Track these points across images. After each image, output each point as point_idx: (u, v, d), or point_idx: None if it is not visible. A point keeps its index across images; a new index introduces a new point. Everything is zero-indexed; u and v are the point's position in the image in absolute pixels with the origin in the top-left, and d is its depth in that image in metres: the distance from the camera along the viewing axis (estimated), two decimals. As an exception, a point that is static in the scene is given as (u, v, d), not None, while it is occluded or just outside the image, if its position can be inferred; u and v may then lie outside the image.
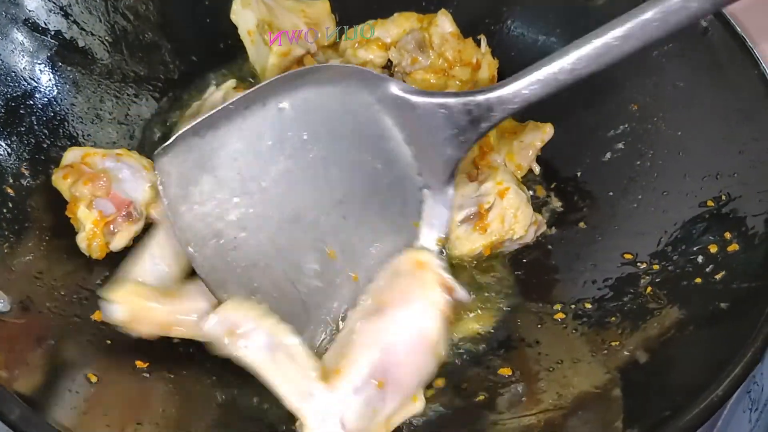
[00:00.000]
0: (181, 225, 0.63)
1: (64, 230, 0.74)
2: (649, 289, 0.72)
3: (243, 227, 0.63)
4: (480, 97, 0.64)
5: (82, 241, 0.74)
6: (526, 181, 0.88)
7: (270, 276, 0.64)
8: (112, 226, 0.74)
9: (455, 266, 0.79)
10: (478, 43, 0.91)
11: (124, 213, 0.75)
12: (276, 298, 0.63)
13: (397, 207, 0.68)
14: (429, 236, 0.70)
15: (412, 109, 0.65)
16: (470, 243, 0.79)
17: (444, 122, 0.64)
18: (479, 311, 0.78)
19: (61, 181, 0.75)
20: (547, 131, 0.87)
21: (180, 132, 0.62)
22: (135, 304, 0.66)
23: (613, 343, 0.69)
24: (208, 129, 0.62)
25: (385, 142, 0.66)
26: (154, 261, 0.71)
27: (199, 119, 0.62)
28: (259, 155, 0.63)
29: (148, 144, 0.89)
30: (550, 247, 0.84)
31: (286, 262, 0.64)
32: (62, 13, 0.82)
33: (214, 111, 0.63)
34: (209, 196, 0.63)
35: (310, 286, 0.65)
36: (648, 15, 0.57)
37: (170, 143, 0.62)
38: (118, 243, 0.75)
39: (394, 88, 0.66)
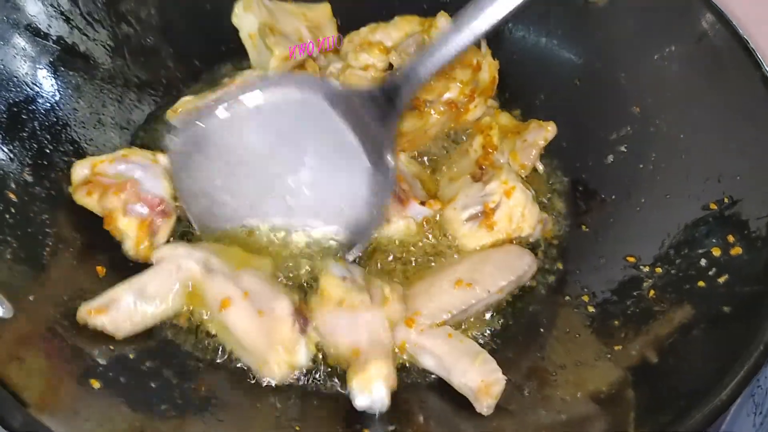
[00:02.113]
0: (181, 186, 0.78)
1: (69, 236, 0.75)
2: (652, 292, 0.71)
3: (224, 189, 0.79)
4: (390, 79, 0.77)
5: (129, 249, 0.75)
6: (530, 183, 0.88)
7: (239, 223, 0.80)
8: (152, 226, 0.76)
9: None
10: (478, 44, 0.90)
11: (158, 210, 0.76)
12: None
13: (345, 178, 0.79)
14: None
15: (349, 100, 0.77)
16: (477, 240, 0.79)
17: (370, 106, 0.77)
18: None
19: (86, 198, 0.76)
20: (550, 129, 0.86)
21: (183, 116, 0.81)
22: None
23: (616, 347, 0.69)
24: (204, 118, 0.77)
25: (335, 129, 0.78)
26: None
27: (198, 109, 0.79)
28: (239, 139, 0.78)
29: (151, 148, 0.88)
30: (552, 250, 0.84)
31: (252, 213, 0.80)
32: (64, 18, 0.82)
33: (208, 103, 0.79)
34: (201, 166, 0.78)
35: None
36: None
37: (176, 129, 0.79)
38: (161, 239, 0.78)
39: (335, 85, 0.81)
